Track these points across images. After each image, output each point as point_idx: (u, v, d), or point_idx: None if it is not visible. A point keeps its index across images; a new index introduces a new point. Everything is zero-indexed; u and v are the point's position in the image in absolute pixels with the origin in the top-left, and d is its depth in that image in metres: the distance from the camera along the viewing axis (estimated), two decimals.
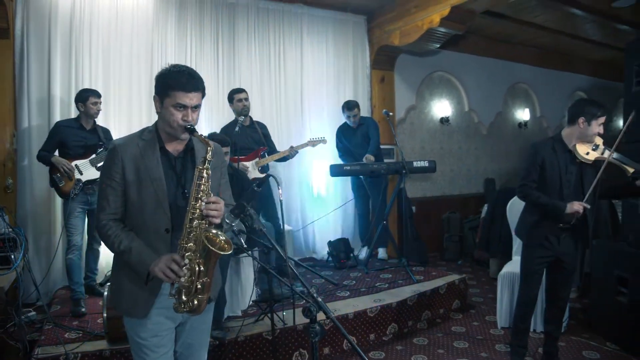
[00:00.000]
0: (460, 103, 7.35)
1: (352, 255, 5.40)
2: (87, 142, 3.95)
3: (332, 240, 5.50)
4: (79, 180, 3.87)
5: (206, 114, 5.06)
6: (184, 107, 1.88)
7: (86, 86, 4.30)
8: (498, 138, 7.76)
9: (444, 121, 7.11)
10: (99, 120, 4.14)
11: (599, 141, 3.05)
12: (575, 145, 3.06)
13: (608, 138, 3.07)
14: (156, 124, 2.01)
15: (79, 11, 4.44)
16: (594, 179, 2.98)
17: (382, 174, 5.12)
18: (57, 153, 3.88)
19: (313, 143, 4.82)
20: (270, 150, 4.78)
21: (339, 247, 5.39)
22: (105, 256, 4.44)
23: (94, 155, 3.94)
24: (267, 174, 1.85)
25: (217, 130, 4.88)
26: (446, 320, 4.41)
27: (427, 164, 5.09)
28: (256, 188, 1.83)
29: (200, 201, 1.83)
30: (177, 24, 4.91)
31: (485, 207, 6.50)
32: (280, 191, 1.75)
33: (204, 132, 4.38)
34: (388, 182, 5.64)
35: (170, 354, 1.96)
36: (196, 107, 1.93)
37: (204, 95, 1.98)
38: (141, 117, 4.74)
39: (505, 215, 5.49)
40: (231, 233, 1.93)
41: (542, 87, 8.16)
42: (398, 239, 5.91)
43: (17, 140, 4.32)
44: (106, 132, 4.13)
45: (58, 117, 4.31)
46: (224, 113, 5.19)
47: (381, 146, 5.61)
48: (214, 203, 1.83)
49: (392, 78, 6.55)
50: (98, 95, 3.99)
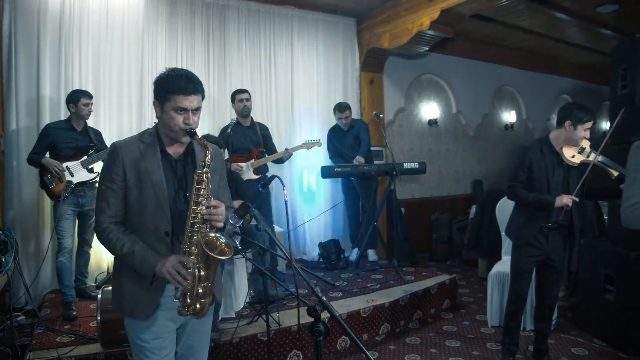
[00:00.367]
0: (448, 105, 7.44)
1: (343, 256, 5.43)
2: (78, 144, 3.91)
3: (323, 241, 5.53)
4: (70, 182, 3.83)
5: None
6: (185, 111, 1.89)
7: (76, 87, 4.26)
8: (485, 140, 7.86)
9: (432, 123, 7.18)
10: (89, 121, 4.11)
11: (586, 144, 3.12)
12: (562, 148, 3.13)
13: (592, 140, 3.15)
14: (156, 127, 2.02)
15: (69, 11, 4.39)
16: (581, 182, 3.05)
17: (373, 176, 5.16)
18: (48, 155, 3.83)
19: (308, 145, 4.83)
20: (268, 151, 4.78)
21: (330, 249, 5.41)
22: (95, 259, 4.41)
23: (85, 157, 3.90)
24: (272, 175, 1.86)
25: (215, 130, 4.89)
26: (437, 319, 4.45)
27: (417, 166, 5.15)
28: (261, 189, 1.84)
29: (200, 205, 1.83)
30: (168, 25, 4.89)
31: (473, 208, 6.58)
32: (285, 192, 1.76)
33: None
34: (378, 184, 5.68)
35: (171, 356, 1.96)
36: (196, 110, 1.94)
37: (204, 97, 1.99)
38: (131, 119, 4.72)
39: (493, 215, 5.57)
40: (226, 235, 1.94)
41: (528, 90, 8.29)
42: (388, 240, 5.95)
43: (5, 141, 4.26)
44: (97, 134, 4.10)
45: (47, 119, 4.26)
46: (214, 115, 5.19)
47: (371, 148, 5.64)
48: (215, 207, 1.84)
49: (381, 80, 6.60)
50: (90, 96, 3.96)
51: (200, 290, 1.80)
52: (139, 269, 1.85)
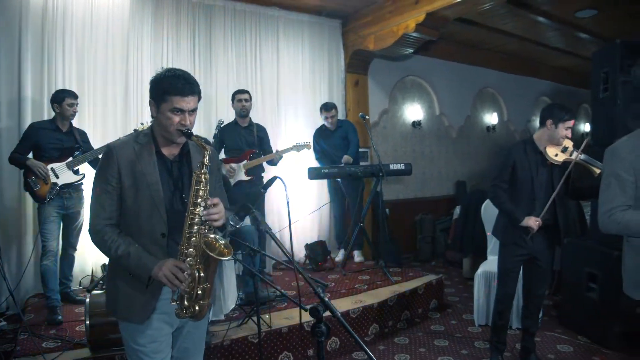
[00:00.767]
0: (431, 107, 7.52)
1: (329, 257, 5.44)
2: (64, 145, 3.83)
3: (309, 243, 5.53)
4: (55, 184, 3.76)
5: None
6: (181, 112, 1.87)
7: (59, 87, 4.17)
8: (467, 141, 7.97)
9: (416, 125, 7.25)
10: (74, 122, 4.03)
11: (569, 143, 3.19)
12: (545, 147, 3.20)
13: (572, 141, 3.22)
14: (152, 128, 1.99)
15: (52, 9, 4.30)
16: (565, 180, 3.12)
17: (360, 177, 5.18)
18: (32, 156, 3.75)
19: (298, 148, 4.80)
20: (264, 153, 4.74)
21: (317, 250, 5.41)
22: (79, 262, 4.33)
23: (71, 158, 3.83)
24: (274, 176, 1.85)
25: (199, 130, 4.86)
26: (425, 319, 4.50)
27: (403, 167, 5.18)
28: (262, 190, 1.83)
29: (198, 206, 1.82)
30: (154, 25, 4.83)
31: (457, 209, 6.67)
32: (286, 192, 1.76)
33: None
34: (364, 185, 5.71)
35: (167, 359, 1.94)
36: (193, 111, 1.92)
37: (200, 98, 1.98)
38: (116, 119, 4.64)
39: (478, 216, 5.64)
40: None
41: (509, 92, 8.44)
42: (374, 241, 5.98)
43: None
44: (83, 135, 4.02)
45: (29, 119, 4.16)
46: (200, 114, 5.13)
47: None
48: (215, 206, 1.83)
49: (366, 82, 6.63)
50: (75, 96, 3.88)
51: (199, 291, 1.78)
52: (135, 272, 1.83)
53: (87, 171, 4.00)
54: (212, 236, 1.81)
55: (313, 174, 5.01)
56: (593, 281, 3.80)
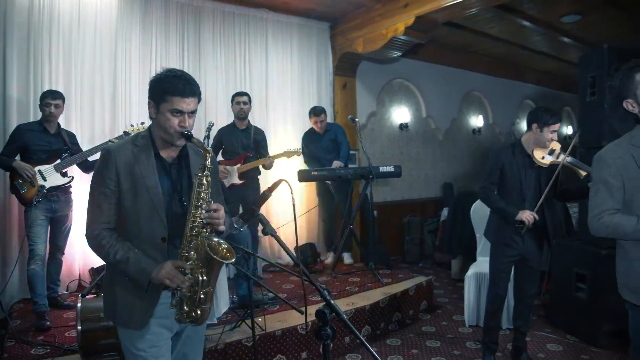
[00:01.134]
0: (418, 110, 7.57)
1: (319, 259, 5.44)
2: (51, 147, 3.76)
3: (299, 245, 5.51)
4: (43, 186, 3.68)
5: None
6: (181, 113, 1.84)
7: (46, 88, 4.09)
8: (454, 144, 8.05)
9: (403, 127, 7.29)
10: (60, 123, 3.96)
11: (556, 146, 3.24)
12: (533, 150, 3.25)
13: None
14: (150, 130, 1.96)
15: (38, 8, 4.22)
16: (552, 183, 3.17)
17: (349, 179, 5.19)
18: (20, 158, 3.67)
19: (288, 154, 4.77)
20: (260, 157, 4.72)
21: (306, 252, 5.41)
22: (66, 266, 4.24)
23: (59, 160, 3.76)
24: (279, 179, 1.84)
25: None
26: (416, 320, 4.52)
27: (393, 169, 5.21)
28: (267, 192, 1.82)
29: (200, 209, 1.80)
30: (142, 26, 4.77)
31: (444, 211, 6.73)
32: (292, 196, 1.75)
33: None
34: (353, 187, 5.72)
35: None
36: (192, 113, 1.90)
37: (200, 100, 1.95)
38: (104, 121, 4.58)
39: (466, 217, 5.70)
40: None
41: (494, 95, 8.55)
42: (363, 243, 5.99)
43: None
44: (72, 137, 3.95)
45: (15, 120, 4.08)
46: None
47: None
48: (216, 211, 1.81)
49: (354, 84, 6.66)
50: (54, 96, 3.76)
51: (202, 295, 1.76)
52: (134, 277, 1.80)
53: (76, 174, 3.93)
54: (215, 239, 1.79)
55: (303, 177, 5.01)
56: (582, 281, 3.86)
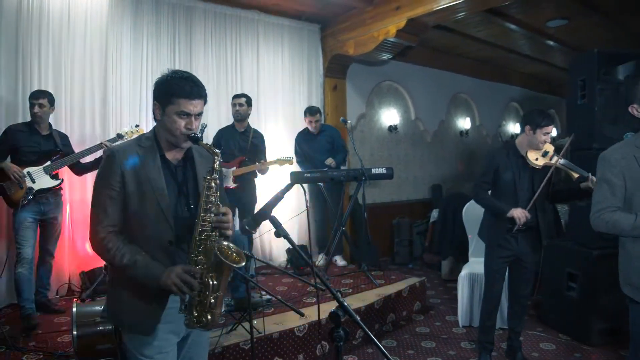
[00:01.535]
0: (407, 112, 7.62)
1: (312, 261, 5.43)
2: (41, 148, 3.68)
3: (290, 247, 5.49)
4: (31, 188, 3.60)
5: None
6: (188, 115, 1.83)
7: (35, 88, 4.00)
8: (442, 145, 8.12)
9: (392, 129, 7.33)
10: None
11: (549, 148, 3.30)
12: (527, 152, 3.30)
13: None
14: (154, 131, 1.94)
15: (27, 7, 4.13)
16: (545, 184, 3.22)
17: (342, 181, 5.20)
18: (9, 159, 3.59)
19: (281, 162, 4.74)
20: (258, 161, 4.67)
21: (298, 254, 5.39)
22: (56, 270, 4.16)
23: (49, 162, 3.68)
24: (290, 183, 1.84)
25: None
26: (409, 322, 4.54)
27: (385, 171, 5.23)
28: (280, 194, 1.81)
29: (209, 213, 1.78)
30: (133, 26, 4.71)
31: (434, 212, 6.78)
32: (307, 198, 1.75)
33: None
34: (345, 189, 5.73)
35: None
36: (199, 115, 1.88)
37: (206, 102, 1.94)
38: (94, 123, 4.51)
39: (456, 218, 5.76)
40: None
41: (481, 98, 8.65)
42: (355, 245, 6.01)
43: None
44: (64, 138, 3.88)
45: (3, 121, 4.00)
46: None
47: None
48: (225, 214, 1.80)
49: (344, 86, 6.68)
50: (37, 95, 3.68)
51: (212, 300, 1.74)
52: (142, 281, 1.77)
53: (68, 176, 3.87)
54: (225, 243, 1.78)
55: (296, 179, 5.00)
56: (573, 281, 3.93)
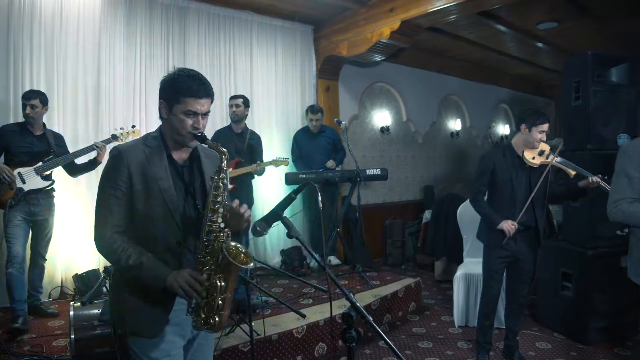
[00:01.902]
0: (398, 113, 7.64)
1: (306, 262, 5.43)
2: (34, 149, 3.62)
3: (285, 248, 5.49)
4: (21, 189, 3.54)
5: (155, 119, 4.84)
6: (195, 114, 1.81)
7: (27, 88, 3.95)
8: (433, 147, 8.16)
9: (384, 130, 7.34)
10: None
11: (545, 147, 3.33)
12: (523, 151, 3.33)
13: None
14: (160, 130, 1.92)
15: (18, 6, 4.06)
16: (542, 182, 3.26)
17: (337, 182, 5.20)
18: (3, 160, 3.53)
19: (276, 163, 4.73)
20: (254, 161, 4.65)
21: (293, 255, 5.39)
22: (48, 272, 4.10)
23: (41, 163, 3.62)
24: (304, 183, 1.82)
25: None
26: (405, 322, 4.55)
27: (380, 172, 5.27)
28: (293, 195, 1.79)
29: (217, 213, 1.77)
30: (126, 26, 4.66)
31: (426, 213, 6.81)
32: (320, 198, 1.73)
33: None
34: (339, 190, 5.74)
35: None
36: (206, 114, 1.87)
37: (213, 101, 1.92)
38: (87, 123, 4.45)
39: (449, 219, 5.79)
40: None
41: (471, 99, 8.71)
42: (350, 246, 6.01)
43: None
44: (59, 139, 3.81)
45: None
46: None
47: None
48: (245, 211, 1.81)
49: (337, 87, 6.67)
50: (28, 96, 3.62)
51: (220, 301, 1.72)
52: (148, 283, 1.74)
53: (62, 177, 3.81)
54: (233, 244, 1.76)
55: (291, 180, 4.99)
56: (568, 280, 3.97)
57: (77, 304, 2.94)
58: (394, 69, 7.39)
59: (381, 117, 7.34)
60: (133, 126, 3.94)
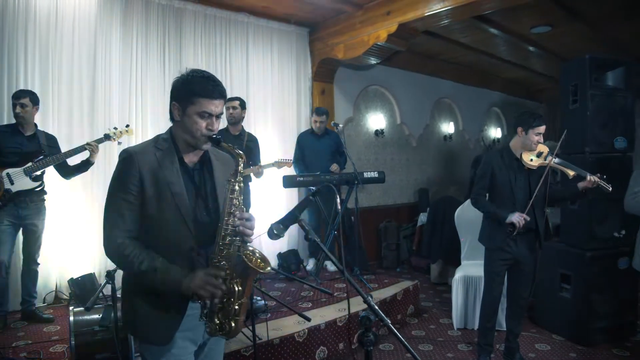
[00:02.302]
0: (392, 116, 7.66)
1: (302, 265, 5.40)
2: (23, 149, 3.55)
3: (282, 252, 5.46)
4: (9, 190, 3.47)
5: (151, 119, 4.81)
6: (209, 116, 1.78)
7: (21, 88, 3.87)
8: (427, 150, 8.19)
9: (379, 133, 7.35)
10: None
11: (543, 149, 3.36)
12: (521, 154, 3.36)
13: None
14: (171, 132, 1.88)
15: (12, 6, 3.99)
16: (542, 184, 3.28)
17: (335, 185, 5.18)
18: None
19: (279, 164, 4.67)
20: (252, 164, 4.60)
21: (290, 259, 5.36)
22: (42, 277, 4.02)
23: (30, 163, 3.54)
24: (322, 184, 1.80)
25: None
26: (404, 325, 4.54)
27: (377, 175, 5.25)
28: (311, 197, 1.77)
29: (232, 216, 1.74)
30: (122, 27, 4.59)
31: (421, 215, 6.82)
32: (338, 200, 1.72)
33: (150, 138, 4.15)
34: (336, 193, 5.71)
35: None
36: (219, 116, 1.84)
37: (225, 102, 1.90)
38: (82, 124, 4.38)
39: (445, 222, 5.81)
40: None
41: (464, 102, 8.76)
42: (347, 249, 5.98)
43: None
44: (50, 139, 3.74)
45: None
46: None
47: None
48: (249, 220, 1.76)
49: (332, 90, 6.67)
50: (17, 95, 3.58)
51: (236, 307, 1.69)
52: (162, 288, 1.70)
53: (55, 180, 3.74)
54: (250, 248, 1.74)
55: (289, 182, 4.96)
56: (567, 282, 4.00)
57: (77, 309, 2.88)
58: (388, 72, 7.41)
59: (376, 120, 7.35)
60: (127, 125, 3.89)
